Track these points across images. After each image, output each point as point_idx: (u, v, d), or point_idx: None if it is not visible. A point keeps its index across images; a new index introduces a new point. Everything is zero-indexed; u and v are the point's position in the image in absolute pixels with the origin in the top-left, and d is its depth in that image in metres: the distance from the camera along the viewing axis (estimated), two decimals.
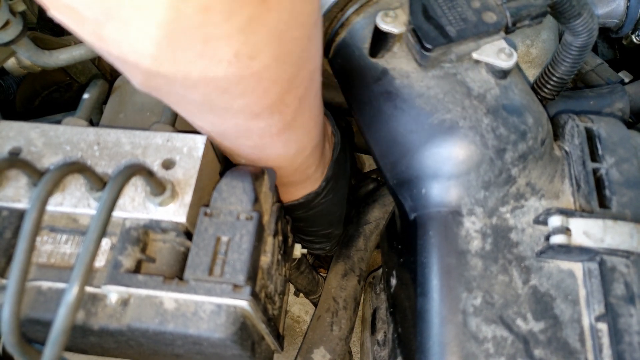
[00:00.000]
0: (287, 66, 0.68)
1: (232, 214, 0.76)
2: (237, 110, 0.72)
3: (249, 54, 0.61)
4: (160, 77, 0.63)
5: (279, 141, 0.84)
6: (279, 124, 0.78)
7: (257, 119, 0.75)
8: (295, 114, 0.79)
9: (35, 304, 0.74)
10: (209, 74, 0.62)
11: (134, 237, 0.74)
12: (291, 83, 0.72)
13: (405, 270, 0.93)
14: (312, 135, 0.91)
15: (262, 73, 0.65)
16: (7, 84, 1.42)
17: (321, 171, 1.06)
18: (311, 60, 0.74)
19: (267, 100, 0.72)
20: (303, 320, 1.84)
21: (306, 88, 0.77)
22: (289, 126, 0.81)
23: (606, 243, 0.76)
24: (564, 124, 0.91)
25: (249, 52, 0.60)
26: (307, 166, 0.98)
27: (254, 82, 0.66)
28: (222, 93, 0.67)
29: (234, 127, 0.78)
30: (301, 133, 0.87)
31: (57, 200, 0.76)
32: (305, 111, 0.81)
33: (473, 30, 0.82)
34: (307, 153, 0.93)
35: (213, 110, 0.73)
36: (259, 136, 0.81)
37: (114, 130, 0.82)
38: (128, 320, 0.72)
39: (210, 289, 0.70)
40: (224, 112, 0.73)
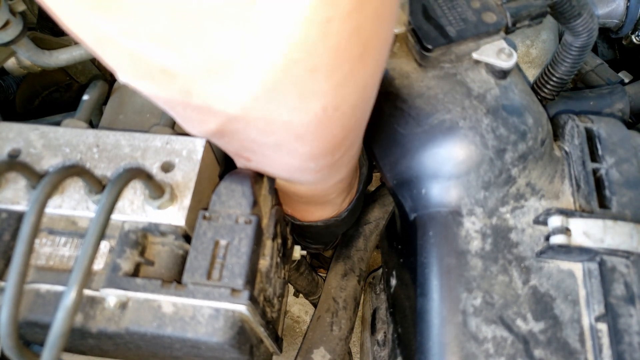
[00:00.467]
0: (358, 112, 0.70)
1: (231, 217, 0.76)
2: (300, 154, 0.73)
3: (335, 106, 0.61)
4: (241, 123, 0.63)
5: (316, 176, 0.84)
6: (324, 164, 0.79)
7: (312, 160, 0.76)
8: (343, 155, 0.80)
9: (33, 306, 0.74)
10: (293, 122, 0.62)
11: (132, 240, 0.74)
12: (354, 127, 0.73)
13: (405, 271, 0.93)
14: (348, 169, 0.91)
15: (338, 121, 0.66)
16: (7, 84, 1.42)
17: (343, 198, 1.07)
18: (372, 104, 0.74)
19: (331, 145, 0.72)
20: (303, 321, 1.85)
21: (361, 130, 0.78)
22: (332, 165, 0.81)
23: (606, 243, 0.76)
24: (564, 124, 0.91)
25: (336, 105, 0.61)
26: (330, 192, 0.98)
27: (328, 130, 0.67)
28: (297, 139, 0.67)
29: (284, 165, 0.79)
30: (340, 170, 0.87)
31: (56, 203, 0.76)
32: (351, 150, 0.82)
33: (473, 30, 0.82)
34: (334, 182, 0.93)
35: (276, 152, 0.74)
36: (301, 172, 0.82)
37: (113, 133, 0.81)
38: (126, 323, 0.72)
39: (208, 293, 0.70)
40: (288, 154, 0.73)
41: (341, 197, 1.06)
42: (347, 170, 0.91)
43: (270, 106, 0.58)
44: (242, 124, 0.63)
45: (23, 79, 1.43)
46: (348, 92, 0.61)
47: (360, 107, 0.69)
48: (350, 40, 0.52)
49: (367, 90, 0.67)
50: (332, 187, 0.95)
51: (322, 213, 1.09)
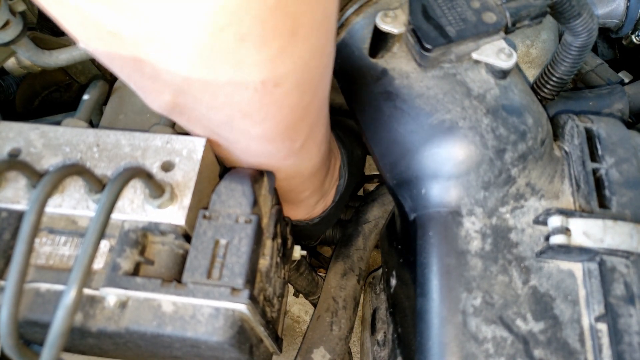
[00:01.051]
0: (305, 94, 0.71)
1: (231, 217, 0.76)
2: (254, 135, 0.75)
3: (274, 82, 0.63)
4: (188, 96, 0.65)
5: (285, 165, 0.86)
6: (287, 150, 0.81)
7: (270, 143, 0.78)
8: (304, 141, 0.81)
9: (33, 305, 0.74)
10: (235, 97, 0.64)
11: (132, 240, 0.74)
12: (306, 110, 0.74)
13: (405, 271, 0.93)
14: (314, 162, 0.93)
15: (283, 100, 0.67)
16: (7, 84, 1.42)
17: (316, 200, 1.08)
18: (324, 88, 0.76)
19: (282, 126, 0.74)
20: (303, 320, 1.84)
21: (317, 116, 0.79)
22: (296, 152, 0.83)
23: (606, 243, 0.76)
24: (563, 124, 0.91)
25: (275, 80, 0.63)
26: (301, 190, 1.00)
27: (274, 108, 0.69)
28: (244, 117, 0.69)
29: (245, 148, 0.80)
30: (305, 160, 0.89)
31: (56, 202, 0.76)
32: (314, 139, 0.84)
33: (473, 30, 0.82)
34: (304, 178, 0.95)
35: (231, 132, 0.75)
36: (267, 159, 0.83)
37: (114, 132, 0.82)
38: (126, 322, 0.72)
39: (208, 292, 0.70)
40: (241, 135, 0.75)
41: (314, 198, 1.08)
42: (316, 162, 0.93)
43: (209, 76, 0.60)
44: (190, 96, 0.65)
45: (23, 79, 1.43)
46: (286, 69, 0.62)
47: (306, 87, 0.70)
48: (276, 12, 0.54)
49: (311, 70, 0.68)
50: (304, 182, 0.96)
51: (295, 213, 1.10)
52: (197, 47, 0.56)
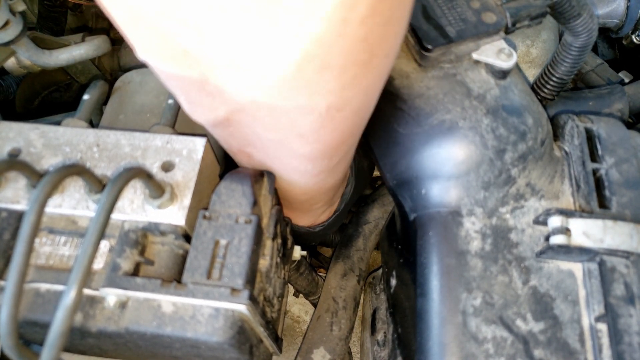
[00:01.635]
0: (360, 118, 0.72)
1: (231, 217, 0.76)
2: (300, 155, 0.75)
3: (338, 107, 0.63)
4: (247, 116, 0.65)
5: (312, 181, 0.86)
6: (323, 168, 0.81)
7: (311, 162, 0.78)
8: (339, 160, 0.81)
9: (33, 306, 0.74)
10: (298, 121, 0.64)
11: (132, 240, 0.74)
12: (352, 132, 0.75)
13: (405, 271, 0.93)
14: (338, 178, 0.93)
15: (340, 123, 0.68)
16: (7, 84, 1.42)
17: (322, 211, 1.09)
18: (370, 112, 0.75)
19: (330, 147, 0.74)
20: (303, 321, 1.84)
21: (358, 137, 0.80)
22: (329, 170, 0.83)
23: (606, 243, 0.76)
24: (563, 124, 0.91)
25: (339, 106, 0.63)
26: (315, 202, 1.01)
27: (330, 131, 0.69)
28: (299, 138, 0.69)
29: (283, 165, 0.81)
30: (333, 176, 0.89)
31: (56, 202, 0.76)
32: (347, 157, 0.84)
33: (473, 30, 0.82)
34: (323, 191, 0.95)
35: (277, 151, 0.76)
36: (300, 174, 0.83)
37: (114, 132, 0.82)
38: (126, 323, 0.72)
39: (208, 292, 0.70)
40: (289, 153, 0.75)
41: (322, 209, 1.08)
42: (340, 178, 0.93)
43: (280, 100, 0.60)
44: (249, 115, 0.64)
45: (23, 79, 1.43)
46: (352, 95, 0.62)
47: (361, 111, 0.70)
48: (361, 43, 0.54)
49: (370, 95, 0.68)
50: (321, 195, 0.97)
51: (300, 220, 1.10)
52: (279, 77, 0.55)
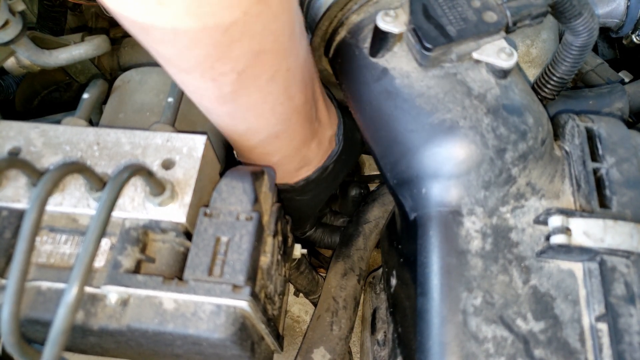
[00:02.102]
0: (210, 30, 0.68)
1: (232, 214, 0.76)
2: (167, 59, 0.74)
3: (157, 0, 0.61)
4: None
5: (222, 111, 0.84)
6: (215, 91, 0.78)
7: (189, 76, 0.76)
8: (235, 88, 0.78)
9: (34, 304, 0.74)
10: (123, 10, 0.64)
11: (133, 238, 0.74)
12: (221, 52, 0.72)
13: (405, 270, 0.93)
14: (268, 121, 0.90)
15: (176, 26, 0.65)
16: (7, 84, 1.42)
17: (296, 167, 1.06)
18: (253, 39, 0.73)
19: (192, 58, 0.72)
20: (303, 320, 1.84)
21: (248, 66, 0.76)
22: (229, 98, 0.80)
23: (606, 243, 0.76)
24: (564, 123, 0.91)
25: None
26: (267, 152, 0.98)
27: (169, 33, 0.67)
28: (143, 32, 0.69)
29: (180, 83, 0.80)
30: (249, 113, 0.86)
31: (57, 200, 0.77)
32: (251, 91, 0.81)
33: (473, 30, 0.82)
34: (262, 137, 0.92)
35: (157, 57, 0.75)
36: (200, 97, 0.82)
37: (114, 130, 0.82)
38: (128, 320, 0.72)
39: (209, 289, 0.70)
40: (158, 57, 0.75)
41: (291, 164, 1.06)
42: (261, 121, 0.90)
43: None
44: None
45: (23, 79, 1.44)
46: None
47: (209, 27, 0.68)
48: None
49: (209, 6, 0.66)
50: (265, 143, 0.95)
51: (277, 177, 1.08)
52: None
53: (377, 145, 0.91)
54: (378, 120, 0.88)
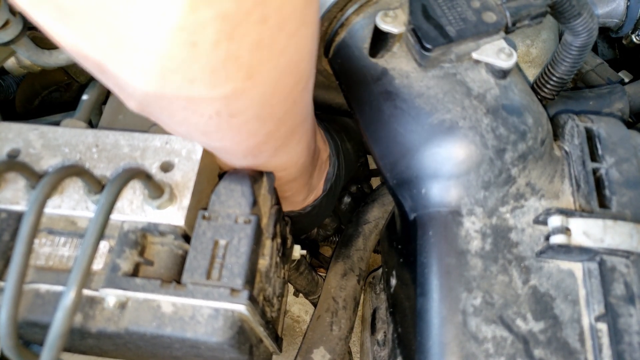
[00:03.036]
0: (267, 124, 0.72)
1: (230, 217, 0.76)
2: (215, 148, 0.78)
3: (230, 114, 0.64)
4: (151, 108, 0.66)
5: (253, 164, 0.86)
6: (252, 163, 0.83)
7: (232, 156, 0.81)
8: (270, 159, 0.83)
9: (33, 306, 0.74)
10: (192, 120, 0.65)
11: (132, 240, 0.74)
12: (269, 137, 0.75)
13: (405, 270, 0.93)
14: (290, 172, 0.93)
15: (242, 127, 0.69)
16: (7, 84, 1.42)
17: (305, 195, 1.09)
18: (295, 118, 0.77)
19: (243, 147, 0.76)
20: (303, 320, 1.84)
21: (285, 140, 0.80)
22: (263, 166, 0.85)
23: (606, 243, 0.75)
24: (563, 124, 0.91)
25: (230, 113, 0.64)
26: (284, 190, 1.00)
27: (232, 133, 0.70)
28: (202, 135, 0.72)
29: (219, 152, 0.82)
30: (277, 171, 0.89)
31: (56, 203, 0.76)
32: (282, 156, 0.85)
33: (473, 30, 0.82)
34: (282, 182, 0.95)
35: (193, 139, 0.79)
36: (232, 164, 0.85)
37: (113, 133, 0.82)
38: (126, 323, 0.72)
39: (207, 292, 0.70)
40: (204, 144, 0.79)
41: (301, 195, 1.08)
42: (292, 171, 0.93)
43: (165, 104, 0.62)
44: (151, 108, 0.66)
45: (23, 79, 1.44)
46: (243, 105, 0.64)
47: (267, 118, 0.71)
48: (227, 63, 0.56)
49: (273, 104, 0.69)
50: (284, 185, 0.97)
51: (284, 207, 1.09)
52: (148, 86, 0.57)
53: (377, 145, 0.91)
54: (378, 121, 0.88)
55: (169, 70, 0.55)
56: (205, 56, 0.54)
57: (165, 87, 0.57)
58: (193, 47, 0.52)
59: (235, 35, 0.53)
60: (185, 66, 0.55)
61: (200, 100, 0.60)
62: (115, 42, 0.53)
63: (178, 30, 0.50)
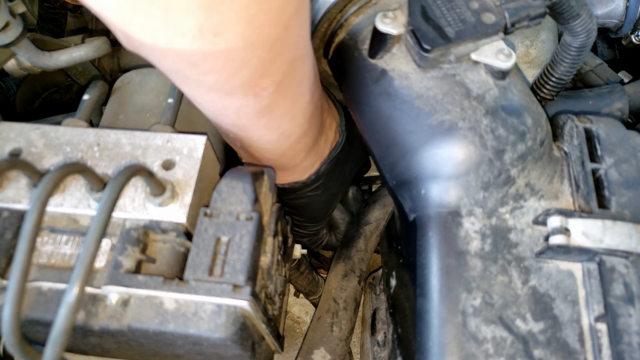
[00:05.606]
0: (259, 51, 0.69)
1: (232, 214, 0.76)
2: (209, 86, 0.74)
3: (213, 31, 0.61)
4: (134, 41, 0.65)
5: (259, 124, 0.85)
6: (255, 106, 0.79)
7: (231, 97, 0.76)
8: (273, 99, 0.80)
9: (35, 304, 0.74)
10: (174, 44, 0.63)
11: (134, 238, 0.74)
12: (265, 68, 0.73)
13: (404, 271, 0.93)
14: (298, 122, 0.92)
15: (230, 53, 0.66)
16: (7, 86, 1.42)
17: (311, 162, 1.07)
18: (290, 49, 0.75)
19: (238, 80, 0.72)
20: (303, 321, 1.84)
21: (285, 75, 0.77)
22: (267, 110, 0.82)
23: (605, 243, 0.76)
24: (563, 124, 0.91)
25: (213, 29, 0.61)
26: (295, 153, 1.00)
27: (222, 60, 0.67)
28: (191, 66, 0.68)
29: (210, 103, 0.80)
30: (284, 119, 0.88)
31: (58, 201, 0.77)
32: (286, 98, 0.82)
33: (472, 31, 0.82)
34: (292, 140, 0.94)
35: (187, 82, 0.75)
36: (237, 116, 0.82)
37: (114, 131, 0.82)
38: (128, 320, 0.72)
39: (210, 289, 0.70)
40: (197, 85, 0.75)
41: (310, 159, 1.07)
42: (294, 125, 0.92)
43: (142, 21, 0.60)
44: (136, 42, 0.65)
45: (23, 81, 1.44)
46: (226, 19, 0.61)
47: (260, 46, 0.69)
48: None
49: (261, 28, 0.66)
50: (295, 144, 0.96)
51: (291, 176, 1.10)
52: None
53: (376, 146, 0.91)
54: (377, 122, 0.88)
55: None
56: None
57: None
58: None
59: None
60: None
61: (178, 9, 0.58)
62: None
63: None
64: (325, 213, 1.33)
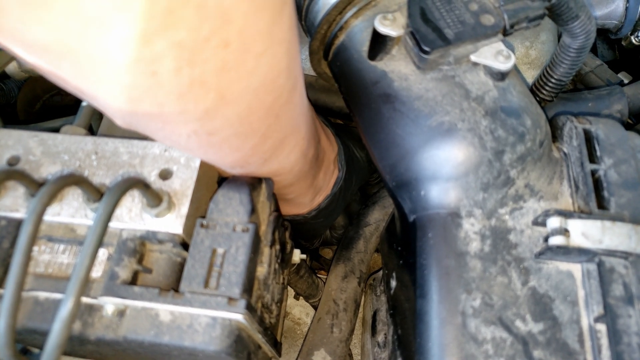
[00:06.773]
0: (249, 139, 0.72)
1: (228, 225, 0.76)
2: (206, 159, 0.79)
3: (207, 132, 0.65)
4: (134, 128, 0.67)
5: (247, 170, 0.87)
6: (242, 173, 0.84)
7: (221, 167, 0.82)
8: (260, 168, 0.84)
9: (32, 314, 0.74)
10: (173, 138, 0.67)
11: (130, 248, 0.74)
12: (255, 150, 0.76)
13: (404, 272, 0.93)
14: (288, 176, 0.94)
15: (222, 144, 0.70)
16: (9, 88, 1.42)
17: (310, 198, 1.10)
18: (281, 130, 0.77)
19: (228, 161, 0.77)
20: (303, 323, 1.84)
21: (273, 152, 0.80)
22: (255, 173, 0.85)
23: (604, 244, 0.75)
24: (562, 125, 0.90)
25: (207, 131, 0.65)
26: (287, 193, 1.01)
27: (214, 150, 0.72)
28: (186, 150, 0.75)
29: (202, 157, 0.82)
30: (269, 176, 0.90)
31: (55, 210, 0.77)
32: (273, 164, 0.85)
33: (471, 32, 0.82)
34: (283, 184, 0.96)
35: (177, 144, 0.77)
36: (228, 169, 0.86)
37: (112, 140, 0.82)
38: (124, 331, 0.73)
39: (205, 301, 0.71)
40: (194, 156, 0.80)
41: (307, 197, 1.09)
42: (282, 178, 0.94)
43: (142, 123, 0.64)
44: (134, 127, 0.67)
45: (24, 83, 1.44)
46: (218, 124, 0.65)
47: (250, 135, 0.72)
48: (193, 89, 0.57)
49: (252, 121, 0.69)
50: (285, 187, 0.98)
51: (288, 210, 1.12)
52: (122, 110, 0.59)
53: (376, 147, 0.91)
54: (377, 123, 0.88)
55: (136, 98, 0.56)
56: (168, 83, 0.55)
57: (137, 110, 0.58)
58: (154, 75, 0.53)
59: (196, 61, 0.54)
60: (151, 93, 0.55)
61: (174, 121, 0.61)
62: (82, 74, 0.55)
63: (135, 62, 0.51)
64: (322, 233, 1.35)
